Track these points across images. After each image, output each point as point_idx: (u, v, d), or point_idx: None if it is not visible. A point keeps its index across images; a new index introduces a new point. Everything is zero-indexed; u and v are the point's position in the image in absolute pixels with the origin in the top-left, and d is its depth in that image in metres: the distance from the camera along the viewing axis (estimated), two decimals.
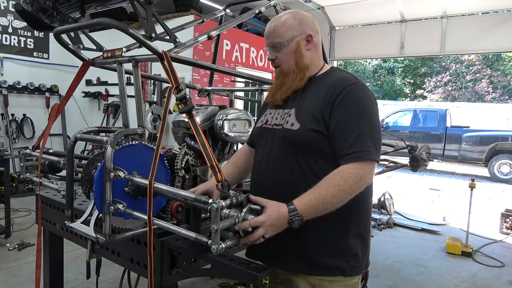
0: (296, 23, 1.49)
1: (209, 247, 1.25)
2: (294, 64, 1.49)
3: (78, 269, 3.48)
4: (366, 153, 1.32)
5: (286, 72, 1.51)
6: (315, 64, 1.52)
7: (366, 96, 1.41)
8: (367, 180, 1.33)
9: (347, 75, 1.47)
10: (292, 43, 1.48)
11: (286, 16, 1.51)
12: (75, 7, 1.90)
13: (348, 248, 1.45)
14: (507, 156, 10.52)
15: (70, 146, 1.77)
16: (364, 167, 1.32)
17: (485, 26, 6.28)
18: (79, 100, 7.25)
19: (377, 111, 1.43)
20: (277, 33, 1.49)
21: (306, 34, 1.48)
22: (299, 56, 1.48)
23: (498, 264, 4.20)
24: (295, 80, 1.49)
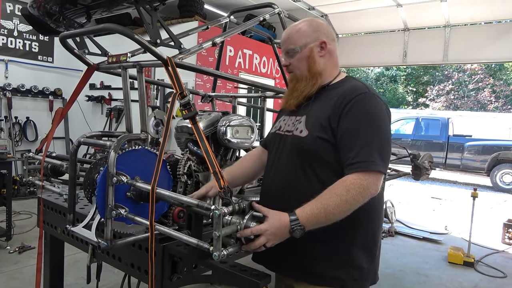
0: (310, 30, 1.51)
1: (211, 253, 1.24)
2: (307, 70, 1.50)
3: (78, 273, 3.47)
4: (371, 163, 1.31)
5: (298, 78, 1.53)
6: (329, 72, 1.53)
7: (376, 105, 1.40)
8: (371, 191, 1.30)
9: (359, 84, 1.47)
10: (305, 49, 1.50)
11: (301, 23, 1.54)
12: (81, 12, 1.91)
13: (351, 259, 1.42)
14: (510, 166, 10.48)
15: (73, 150, 1.78)
16: (368, 178, 1.30)
17: (488, 35, 6.29)
18: (82, 103, 7.28)
19: (387, 121, 1.41)
20: (291, 39, 1.52)
21: (320, 41, 1.50)
22: (312, 62, 1.49)
23: (500, 275, 4.16)
24: (307, 85, 1.50)
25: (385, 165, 1.36)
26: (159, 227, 1.47)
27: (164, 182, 1.77)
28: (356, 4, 6.51)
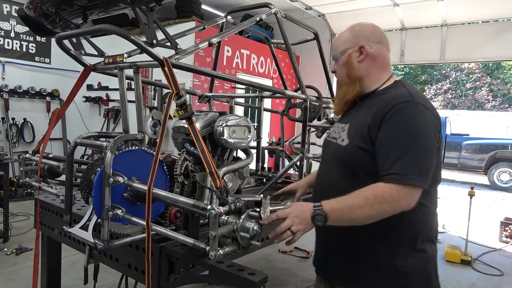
0: (350, 36, 1.52)
1: (207, 253, 1.25)
2: (346, 75, 1.53)
3: (75, 275, 3.46)
4: (405, 177, 1.27)
5: (340, 84, 1.58)
6: (374, 76, 1.51)
7: (418, 115, 1.34)
8: (402, 204, 1.27)
9: (404, 91, 1.41)
10: (344, 56, 1.52)
11: (346, 30, 1.56)
12: (78, 13, 1.91)
13: (396, 267, 1.39)
14: (507, 164, 10.53)
15: (70, 151, 1.78)
16: (400, 190, 1.26)
17: (485, 34, 6.31)
18: (79, 104, 7.27)
19: (429, 132, 1.34)
20: (334, 46, 1.58)
21: (358, 46, 1.49)
22: (350, 68, 1.51)
23: (498, 273, 4.18)
24: (348, 91, 1.53)
25: (423, 178, 1.29)
26: (156, 227, 1.47)
27: (161, 183, 1.77)
28: (353, 3, 6.52)
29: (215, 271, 1.54)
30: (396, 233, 1.39)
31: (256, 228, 1.32)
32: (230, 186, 2.29)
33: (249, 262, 4.08)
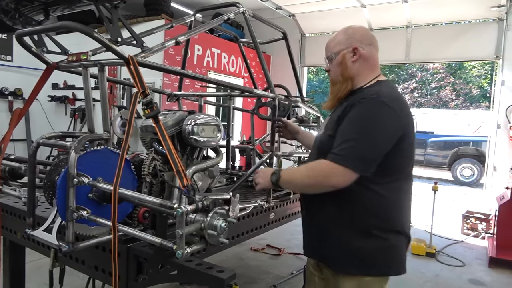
0: (344, 38, 1.65)
1: (175, 252, 1.25)
2: (340, 74, 1.65)
3: (42, 279, 3.35)
4: (341, 157, 1.44)
5: (334, 82, 1.70)
6: (363, 76, 1.64)
7: (375, 111, 1.47)
8: (332, 181, 1.45)
9: (376, 90, 1.55)
10: (339, 56, 1.64)
11: (339, 32, 1.70)
12: (39, 10, 1.85)
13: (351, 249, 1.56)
14: (469, 160, 11.01)
15: (32, 151, 1.73)
16: (333, 168, 1.44)
17: (447, 36, 6.58)
18: (44, 104, 7.02)
19: (380, 127, 1.46)
20: (328, 47, 1.71)
21: (352, 47, 1.61)
22: (344, 68, 1.63)
23: (460, 264, 4.38)
24: (341, 89, 1.65)
25: (358, 164, 1.43)
26: (122, 227, 1.45)
27: (128, 183, 1.75)
28: (321, 4, 6.64)
29: (183, 270, 1.54)
30: (351, 218, 1.55)
31: (223, 226, 1.33)
32: (200, 185, 2.29)
33: (221, 261, 4.08)
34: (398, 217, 1.60)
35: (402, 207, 1.61)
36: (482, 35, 6.23)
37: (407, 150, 1.55)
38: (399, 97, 1.57)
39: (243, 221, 2.49)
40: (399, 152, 1.49)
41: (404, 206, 1.62)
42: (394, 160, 1.49)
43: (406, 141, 1.51)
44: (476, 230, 5.46)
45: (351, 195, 1.51)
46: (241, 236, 2.52)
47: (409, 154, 1.59)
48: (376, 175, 1.48)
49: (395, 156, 1.49)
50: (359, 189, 1.49)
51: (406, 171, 1.61)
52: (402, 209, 1.61)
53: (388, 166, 1.49)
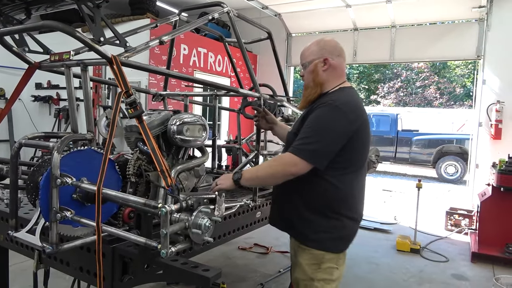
0: (317, 49, 1.88)
1: (160, 251, 1.25)
2: (312, 80, 1.88)
3: (26, 282, 3.30)
4: (298, 150, 1.70)
5: (306, 86, 1.92)
6: (331, 82, 1.88)
7: (331, 115, 1.74)
8: (291, 170, 1.71)
9: (335, 96, 1.81)
10: (312, 65, 1.88)
11: (312, 43, 1.92)
12: (20, 9, 1.83)
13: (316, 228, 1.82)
14: (453, 158, 11.22)
15: (14, 152, 1.71)
16: (293, 159, 1.70)
17: (431, 36, 6.70)
18: (28, 104, 6.91)
19: (334, 127, 1.72)
20: (303, 56, 1.93)
21: (323, 58, 1.86)
22: (315, 75, 1.87)
23: (443, 259, 4.47)
24: (311, 93, 1.89)
25: (311, 156, 1.70)
26: (106, 227, 1.45)
27: (112, 183, 1.74)
28: (307, 4, 6.68)
29: (169, 270, 1.55)
30: (310, 202, 1.83)
31: (208, 224, 1.34)
32: (185, 185, 2.29)
33: (209, 260, 4.08)
34: (349, 204, 1.86)
35: (353, 196, 1.87)
36: (464, 35, 6.36)
37: (359, 148, 1.81)
38: (354, 102, 1.82)
39: (230, 220, 2.50)
40: (351, 150, 1.76)
41: (355, 195, 1.88)
42: (346, 156, 1.75)
43: (357, 141, 1.77)
44: (459, 226, 5.58)
45: (311, 184, 1.79)
46: (227, 235, 2.53)
47: (361, 151, 1.84)
48: (331, 169, 1.74)
49: (348, 153, 1.75)
50: (317, 180, 1.77)
51: (358, 165, 1.85)
52: (353, 197, 1.87)
53: (341, 161, 1.75)
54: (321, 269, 1.82)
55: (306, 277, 1.85)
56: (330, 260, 1.82)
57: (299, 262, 1.88)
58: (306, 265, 1.84)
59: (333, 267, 1.84)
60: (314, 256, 1.82)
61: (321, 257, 1.82)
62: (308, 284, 1.85)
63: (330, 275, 1.83)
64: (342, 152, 1.73)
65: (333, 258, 1.83)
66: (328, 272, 1.83)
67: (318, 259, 1.82)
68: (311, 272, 1.83)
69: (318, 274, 1.82)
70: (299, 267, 1.88)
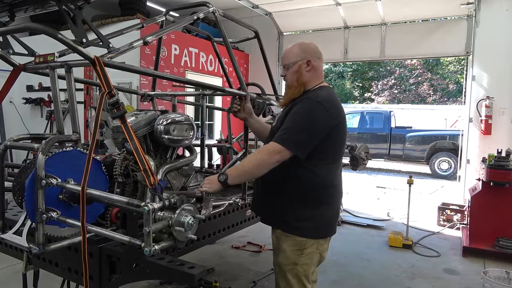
0: (300, 51, 2.01)
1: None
2: (296, 80, 2.01)
3: (18, 284, 3.28)
4: (281, 139, 1.83)
5: (290, 85, 2.05)
6: (312, 82, 2.03)
7: (311, 108, 1.88)
8: (276, 157, 1.82)
9: (315, 93, 1.95)
10: (296, 65, 2.00)
11: (295, 46, 2.05)
12: (4, 11, 1.84)
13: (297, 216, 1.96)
14: (446, 154, 11.28)
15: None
16: (277, 147, 1.82)
17: (420, 33, 6.75)
18: (19, 107, 6.88)
19: (314, 119, 1.86)
20: (287, 57, 2.05)
21: (306, 60, 1.99)
22: (299, 75, 2.00)
23: (435, 254, 4.51)
24: (295, 91, 2.01)
25: (292, 146, 1.83)
26: (91, 227, 1.46)
27: (99, 184, 1.75)
28: (298, 3, 6.70)
29: (155, 268, 1.56)
30: (292, 192, 1.96)
31: (191, 222, 1.35)
32: (174, 184, 2.30)
33: (202, 259, 4.10)
34: (329, 193, 2.01)
35: (332, 186, 2.02)
36: (453, 32, 6.40)
37: (338, 141, 1.97)
38: (333, 99, 1.96)
39: (219, 218, 2.52)
40: (330, 142, 1.91)
41: (334, 184, 2.02)
42: (326, 148, 1.91)
43: (335, 135, 1.91)
44: (451, 221, 5.63)
45: (292, 174, 1.92)
46: (217, 233, 2.55)
47: (340, 144, 2.00)
48: (311, 159, 1.88)
49: (327, 145, 1.90)
50: (299, 170, 1.91)
51: (336, 157, 2.01)
52: (332, 187, 2.02)
53: (321, 152, 1.90)
54: (303, 254, 1.97)
55: (289, 262, 1.98)
56: (311, 246, 1.97)
57: (283, 248, 2.00)
58: (289, 251, 1.97)
59: (314, 252, 1.99)
60: (297, 242, 1.96)
61: (304, 243, 1.96)
62: (291, 268, 1.98)
63: (311, 260, 2.00)
64: (322, 144, 1.88)
65: (314, 244, 1.98)
66: (310, 257, 1.98)
67: (301, 245, 1.96)
68: (295, 257, 1.97)
69: (301, 259, 1.97)
70: (283, 253, 2.00)
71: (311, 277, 2.04)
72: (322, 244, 2.03)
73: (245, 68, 7.97)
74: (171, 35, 6.03)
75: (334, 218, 2.10)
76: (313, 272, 2.07)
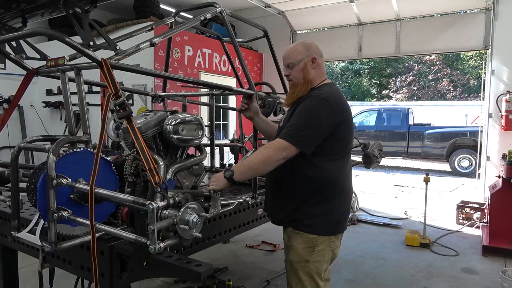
0: (304, 49, 2.02)
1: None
2: (302, 78, 2.01)
3: (37, 282, 3.39)
4: (288, 136, 1.84)
5: (296, 84, 2.04)
6: (317, 79, 2.04)
7: (317, 105, 1.89)
8: (282, 154, 1.82)
9: (320, 90, 1.96)
10: (301, 63, 2.01)
11: (298, 45, 2.07)
12: (17, 17, 1.90)
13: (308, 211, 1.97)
14: (466, 151, 11.01)
15: (14, 156, 1.77)
16: (283, 144, 1.83)
17: (436, 27, 6.60)
18: (39, 110, 7.07)
19: (319, 115, 1.86)
20: (291, 56, 2.04)
21: (311, 57, 2.01)
22: (306, 73, 2.00)
23: (453, 253, 4.41)
24: (302, 89, 2.01)
25: (299, 142, 1.83)
26: (100, 226, 1.50)
27: (110, 183, 1.78)
28: (311, 1, 6.65)
29: (163, 265, 1.58)
30: (302, 190, 1.96)
31: (195, 220, 1.37)
32: (184, 183, 2.33)
33: (217, 258, 4.13)
34: (339, 189, 2.00)
35: (342, 181, 2.01)
36: (471, 25, 6.23)
37: (344, 136, 1.96)
38: (338, 95, 1.96)
39: (230, 217, 2.53)
40: (337, 138, 1.92)
41: (343, 180, 2.02)
42: (334, 144, 1.92)
43: (342, 130, 1.92)
44: (471, 220, 5.49)
45: (302, 171, 1.93)
46: (228, 232, 2.56)
47: (347, 140, 2.00)
48: (319, 155, 1.89)
49: (334, 140, 1.91)
50: (308, 166, 1.91)
51: (344, 153, 2.01)
52: (342, 182, 2.02)
53: (329, 148, 1.91)
54: (315, 252, 1.97)
55: (301, 259, 1.98)
56: (323, 243, 1.97)
57: (294, 246, 2.00)
58: (301, 248, 1.97)
59: (325, 249, 1.99)
60: (309, 239, 1.96)
61: (315, 240, 1.96)
62: (303, 265, 1.98)
63: (323, 257, 1.99)
64: (329, 140, 1.89)
65: (325, 241, 1.98)
66: (321, 254, 1.98)
67: (312, 242, 1.96)
68: (306, 254, 1.97)
69: (313, 256, 1.97)
70: (294, 250, 2.00)
71: (323, 275, 2.03)
72: (334, 241, 2.03)
73: (259, 67, 7.97)
74: (184, 37, 6.09)
75: (345, 215, 2.10)
76: (326, 269, 2.07)
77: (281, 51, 3.37)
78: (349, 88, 24.11)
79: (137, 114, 2.26)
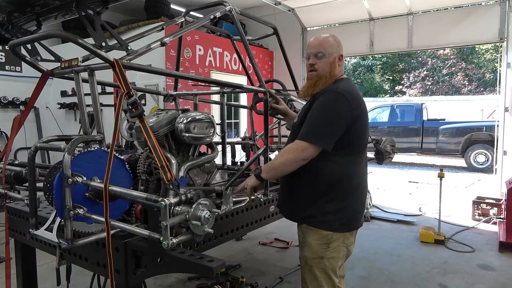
0: (335, 44, 2.03)
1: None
2: (328, 71, 2.00)
3: (56, 278, 3.47)
4: (305, 135, 1.86)
5: (321, 76, 2.01)
6: (338, 75, 2.04)
7: (332, 99, 1.89)
8: (300, 155, 1.84)
9: (336, 85, 1.96)
10: (331, 57, 2.00)
11: (330, 37, 2.05)
12: (31, 20, 1.94)
13: (323, 208, 1.97)
14: (482, 146, 10.81)
15: (31, 155, 1.82)
16: (302, 145, 1.84)
17: (449, 21, 6.49)
18: (54, 112, 7.21)
19: (335, 111, 1.87)
20: (323, 45, 2.01)
21: (339, 54, 2.04)
22: (333, 67, 2.00)
23: (469, 250, 4.35)
24: (326, 83, 1.99)
25: (319, 140, 1.85)
26: (114, 223, 1.53)
27: (123, 181, 1.81)
28: None
29: (176, 261, 1.61)
30: (318, 186, 1.96)
31: (207, 216, 1.39)
32: (196, 181, 2.36)
33: (230, 255, 4.16)
34: (353, 185, 2.00)
35: (356, 177, 2.02)
36: (485, 18, 6.11)
37: (360, 131, 1.96)
38: (353, 90, 1.97)
39: (242, 214, 2.55)
40: (352, 133, 1.91)
41: (358, 176, 2.02)
42: (349, 139, 1.91)
43: (358, 125, 1.92)
44: (487, 216, 5.40)
45: (316, 168, 1.92)
46: (240, 229, 2.58)
47: (362, 135, 2.00)
48: (335, 150, 1.88)
49: (349, 136, 1.90)
50: (323, 162, 1.91)
51: (359, 149, 2.01)
52: (357, 178, 2.02)
53: (344, 143, 1.90)
54: (330, 248, 1.97)
55: (316, 256, 1.99)
56: (337, 239, 1.97)
57: (308, 242, 2.01)
58: (315, 245, 1.98)
59: (340, 246, 1.99)
60: (323, 236, 1.97)
61: (329, 237, 1.96)
62: (318, 262, 1.98)
63: (338, 253, 1.99)
64: (345, 135, 1.89)
65: (340, 237, 1.98)
66: (336, 250, 1.98)
67: (327, 239, 1.97)
68: (321, 251, 1.97)
69: (328, 253, 1.97)
70: (308, 247, 2.01)
71: (338, 272, 2.03)
72: (348, 237, 2.03)
73: (270, 65, 7.97)
74: (195, 36, 6.13)
75: (360, 211, 2.09)
76: (341, 266, 2.06)
77: (291, 49, 3.39)
78: (362, 84, 23.88)
79: (149, 114, 2.29)
